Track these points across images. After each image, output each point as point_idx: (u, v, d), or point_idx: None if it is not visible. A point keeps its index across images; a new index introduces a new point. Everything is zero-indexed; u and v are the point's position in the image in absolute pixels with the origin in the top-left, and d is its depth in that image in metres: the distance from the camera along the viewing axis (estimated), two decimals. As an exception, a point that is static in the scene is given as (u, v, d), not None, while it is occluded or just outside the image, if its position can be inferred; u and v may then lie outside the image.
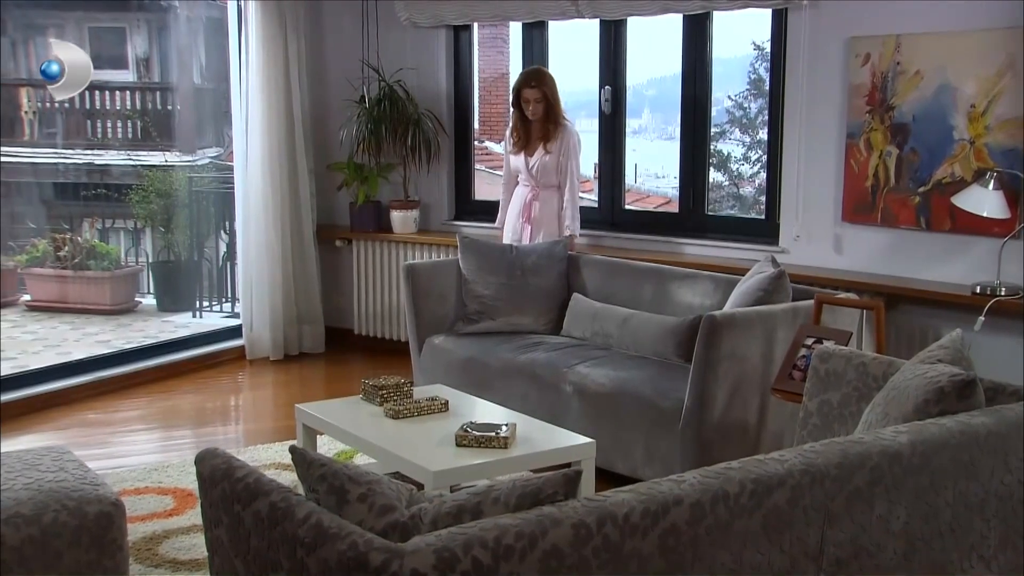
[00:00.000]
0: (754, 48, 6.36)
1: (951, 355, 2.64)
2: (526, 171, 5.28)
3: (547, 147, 5.23)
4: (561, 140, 5.21)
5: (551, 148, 5.22)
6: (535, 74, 5.25)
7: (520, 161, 5.30)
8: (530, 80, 5.18)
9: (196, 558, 3.29)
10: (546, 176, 5.25)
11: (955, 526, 2.30)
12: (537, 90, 5.15)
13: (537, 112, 5.18)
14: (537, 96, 5.15)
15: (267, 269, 5.99)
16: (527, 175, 5.29)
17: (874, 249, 4.65)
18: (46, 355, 7.01)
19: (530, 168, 5.26)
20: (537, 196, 5.29)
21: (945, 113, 4.34)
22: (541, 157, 5.23)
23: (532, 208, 5.31)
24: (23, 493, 2.58)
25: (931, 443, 2.25)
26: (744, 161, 7.61)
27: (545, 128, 5.21)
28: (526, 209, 5.32)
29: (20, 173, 10.45)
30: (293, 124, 6.00)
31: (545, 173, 5.25)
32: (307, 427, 3.72)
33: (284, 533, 1.75)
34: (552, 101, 5.18)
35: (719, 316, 3.70)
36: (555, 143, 5.22)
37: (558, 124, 5.22)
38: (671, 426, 3.79)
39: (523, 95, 5.18)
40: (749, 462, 2.03)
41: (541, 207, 5.28)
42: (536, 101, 5.15)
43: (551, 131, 5.21)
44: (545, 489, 1.79)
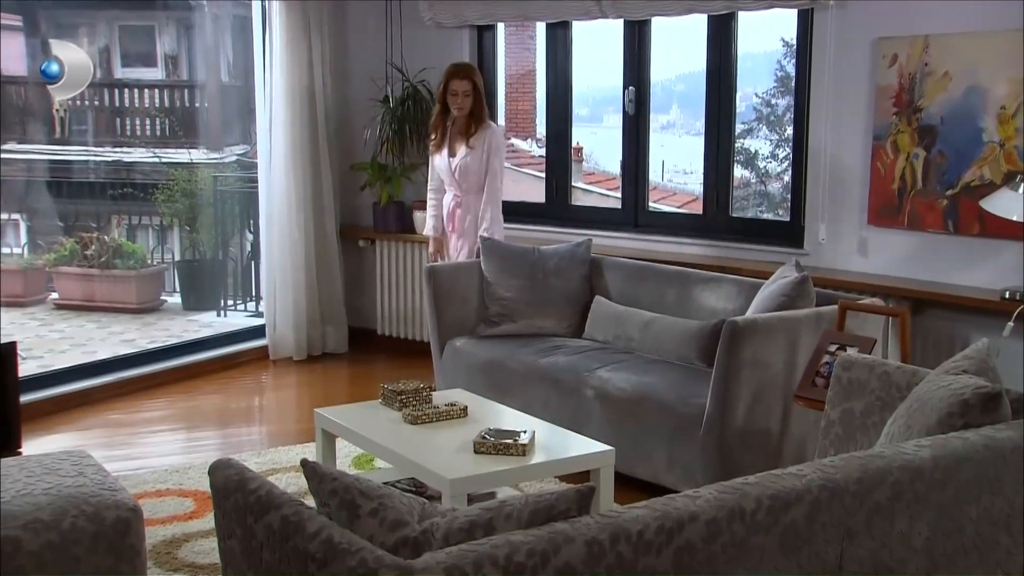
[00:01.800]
0: (783, 44, 6.30)
1: (976, 366, 2.59)
2: (448, 173, 5.12)
3: (470, 142, 5.03)
4: (485, 138, 5.04)
5: (474, 144, 5.03)
6: (465, 66, 5.14)
7: (442, 162, 5.15)
8: (460, 71, 5.03)
9: (215, 562, 3.30)
10: (469, 178, 5.08)
11: (979, 542, 2.26)
12: (467, 81, 5.00)
13: (465, 106, 5.01)
14: (467, 88, 4.99)
15: (290, 269, 6.00)
16: (449, 178, 5.14)
17: (900, 253, 4.59)
18: (72, 354, 7.06)
19: (452, 169, 5.10)
20: (460, 203, 5.13)
21: (974, 115, 4.27)
22: (463, 156, 5.06)
23: (455, 216, 5.15)
24: (43, 498, 2.59)
25: (954, 457, 2.21)
26: (772, 159, 7.55)
27: (468, 123, 5.05)
28: (449, 218, 5.17)
29: (50, 172, 10.55)
30: (317, 124, 6.01)
31: (468, 174, 5.07)
32: (326, 431, 3.72)
33: (296, 548, 1.74)
34: (480, 95, 5.04)
35: (741, 322, 3.66)
36: (479, 138, 5.03)
37: (482, 120, 5.06)
38: (693, 432, 3.76)
39: (451, 87, 5.01)
40: (766, 477, 2.00)
41: (464, 215, 5.13)
42: (465, 94, 4.99)
43: (474, 126, 5.04)
44: (558, 505, 1.77)
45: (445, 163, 5.12)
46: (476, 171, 5.06)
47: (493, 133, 5.08)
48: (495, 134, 5.08)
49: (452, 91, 5.01)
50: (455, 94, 5.01)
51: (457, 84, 4.99)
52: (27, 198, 10.33)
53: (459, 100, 5.00)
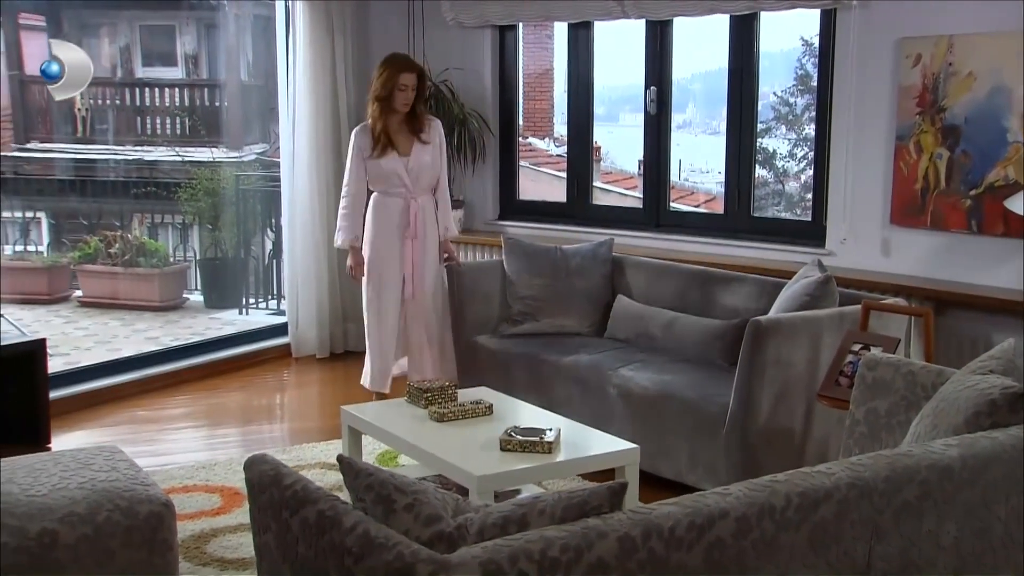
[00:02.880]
0: (802, 43, 6.29)
1: (1003, 366, 2.59)
2: (402, 174, 4.72)
3: (423, 138, 4.73)
4: (435, 131, 4.79)
5: (427, 139, 4.74)
6: (408, 57, 4.83)
7: (391, 164, 4.71)
8: (410, 64, 4.72)
9: (243, 557, 3.34)
10: (422, 179, 4.76)
11: (1008, 542, 2.27)
12: (415, 74, 4.68)
13: (411, 100, 4.68)
14: (414, 82, 4.67)
15: (313, 267, 6.04)
16: (398, 180, 4.73)
17: (923, 253, 4.59)
18: (97, 351, 7.14)
19: (409, 170, 4.72)
20: (418, 205, 4.76)
21: (999, 115, 4.27)
22: (420, 155, 4.73)
23: (416, 221, 4.75)
24: (77, 492, 2.63)
25: (982, 457, 2.22)
26: (790, 158, 7.55)
27: (414, 119, 4.72)
28: (412, 222, 4.73)
29: (72, 170, 10.65)
30: (339, 123, 6.04)
31: (422, 174, 4.74)
32: (352, 428, 3.75)
33: (332, 542, 1.77)
34: (424, 86, 4.79)
35: (764, 321, 3.67)
36: (430, 133, 4.76)
37: (425, 110, 4.80)
38: (716, 431, 3.78)
39: (402, 80, 4.63)
40: (795, 475, 2.01)
41: (424, 217, 4.79)
42: (412, 88, 4.66)
43: (424, 121, 4.75)
44: (591, 501, 1.79)
45: (396, 165, 4.71)
46: (429, 168, 4.78)
47: (438, 125, 4.87)
48: (439, 126, 4.87)
49: (402, 85, 4.65)
50: (404, 88, 4.65)
51: (407, 78, 4.66)
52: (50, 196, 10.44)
53: (407, 95, 4.66)
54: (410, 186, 4.74)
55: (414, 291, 4.84)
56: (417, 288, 4.84)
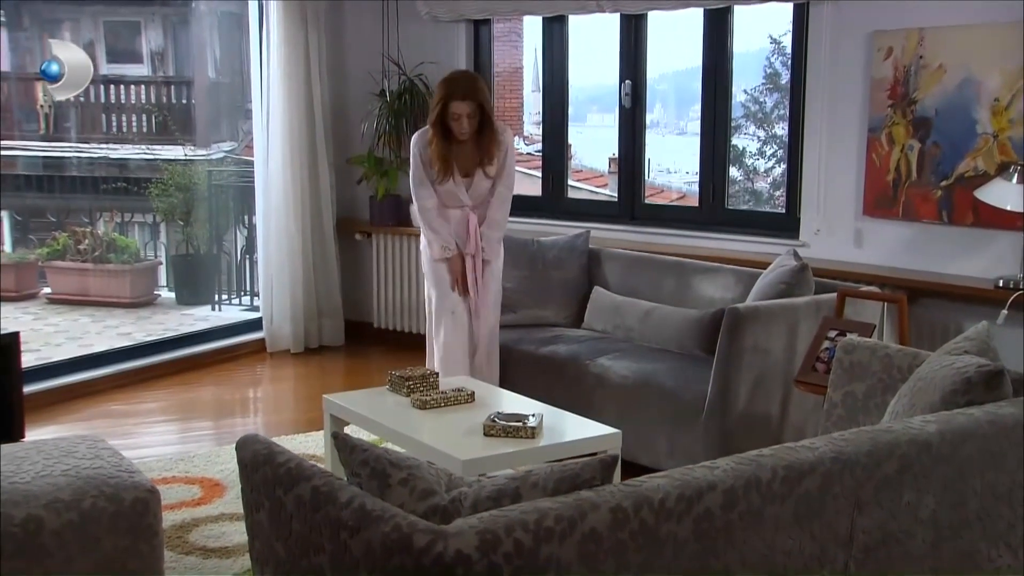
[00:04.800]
0: (771, 42, 6.37)
1: (977, 346, 2.66)
2: (462, 197, 4.34)
3: (487, 171, 4.28)
4: (502, 151, 4.29)
5: (491, 172, 4.29)
6: (466, 82, 4.17)
7: (450, 188, 4.30)
8: (460, 90, 4.09)
9: (226, 545, 3.34)
10: (482, 196, 4.39)
11: (983, 515, 2.32)
12: (470, 103, 4.10)
13: (470, 129, 4.14)
14: (470, 110, 4.10)
15: (287, 262, 6.03)
16: (456, 200, 4.36)
17: (895, 243, 4.66)
18: (68, 347, 7.07)
19: (470, 194, 4.35)
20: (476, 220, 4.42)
21: (968, 107, 4.35)
22: (481, 181, 4.31)
23: (470, 226, 4.41)
24: (62, 479, 2.62)
25: (959, 433, 2.27)
26: (759, 156, 7.62)
27: (480, 148, 4.22)
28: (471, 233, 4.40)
29: (37, 167, 10.53)
30: (314, 118, 6.04)
31: (481, 194, 4.37)
32: (334, 417, 3.76)
33: (327, 516, 1.78)
34: (488, 112, 4.19)
35: (743, 309, 3.72)
36: (498, 159, 4.28)
37: (494, 136, 4.23)
38: (694, 418, 3.82)
39: (452, 110, 4.09)
40: (780, 449, 2.06)
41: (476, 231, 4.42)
42: (469, 116, 4.11)
43: (490, 149, 4.22)
44: (583, 474, 1.82)
45: (456, 189, 4.32)
46: (489, 186, 4.39)
47: (505, 136, 4.34)
48: (507, 136, 4.36)
49: (454, 115, 4.11)
50: (457, 117, 4.11)
51: (459, 107, 4.09)
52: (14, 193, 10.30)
53: (463, 123, 4.11)
54: (470, 205, 4.39)
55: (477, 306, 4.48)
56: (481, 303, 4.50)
